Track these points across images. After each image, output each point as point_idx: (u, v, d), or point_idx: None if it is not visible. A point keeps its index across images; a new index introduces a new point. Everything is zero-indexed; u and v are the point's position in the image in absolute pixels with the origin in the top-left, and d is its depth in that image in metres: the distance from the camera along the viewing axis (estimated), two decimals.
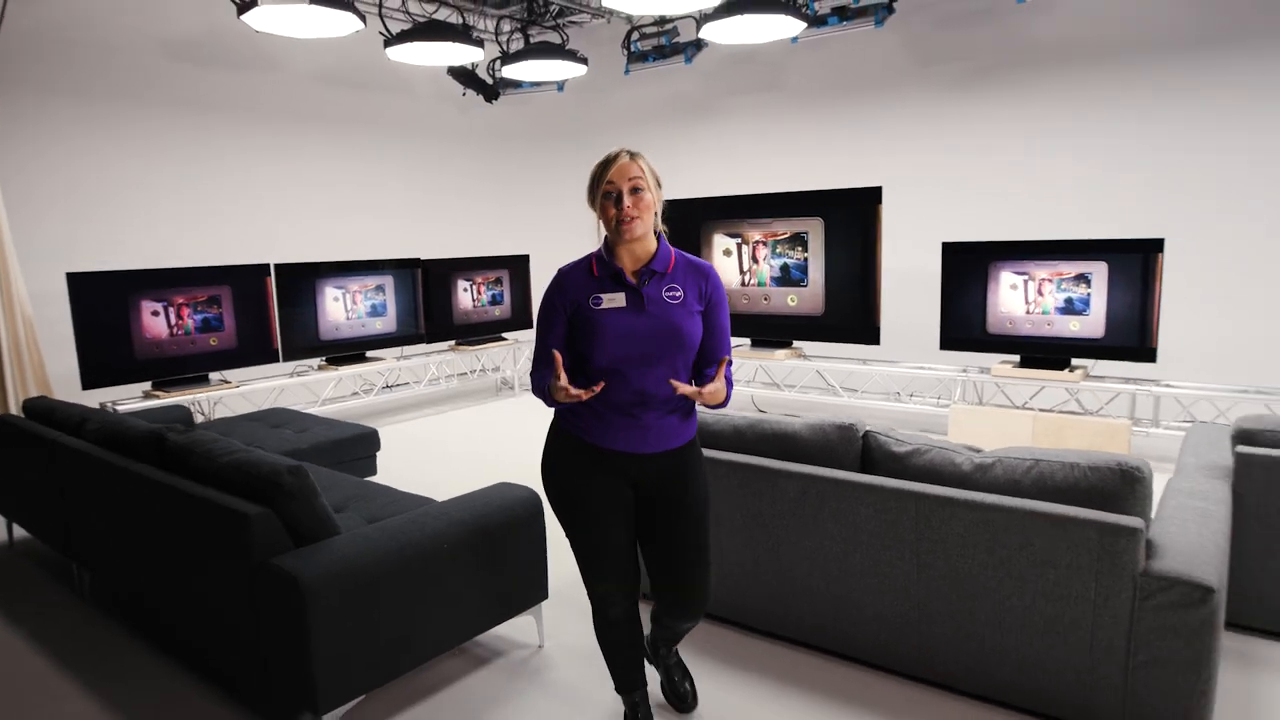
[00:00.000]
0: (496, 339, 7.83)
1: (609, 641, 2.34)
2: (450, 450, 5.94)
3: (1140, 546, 2.19)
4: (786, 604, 2.87)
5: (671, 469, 2.17)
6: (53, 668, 3.00)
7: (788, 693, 2.67)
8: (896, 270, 6.51)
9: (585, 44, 7.34)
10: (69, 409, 3.74)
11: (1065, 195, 6.13)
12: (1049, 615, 2.34)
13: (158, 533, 2.78)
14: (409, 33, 5.77)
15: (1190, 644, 2.15)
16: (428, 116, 8.27)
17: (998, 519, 2.36)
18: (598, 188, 2.11)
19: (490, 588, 2.77)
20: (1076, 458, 2.38)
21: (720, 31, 5.44)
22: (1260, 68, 5.37)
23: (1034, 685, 2.42)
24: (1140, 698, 2.25)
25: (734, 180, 7.30)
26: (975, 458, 2.53)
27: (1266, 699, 2.58)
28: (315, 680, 2.27)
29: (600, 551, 2.20)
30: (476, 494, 2.89)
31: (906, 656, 2.65)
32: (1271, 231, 5.43)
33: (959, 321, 5.72)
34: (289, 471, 2.47)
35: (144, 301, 5.52)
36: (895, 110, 6.87)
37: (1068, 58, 6.05)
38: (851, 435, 2.72)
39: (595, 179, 2.12)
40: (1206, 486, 2.76)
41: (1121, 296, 5.15)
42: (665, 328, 2.07)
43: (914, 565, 2.54)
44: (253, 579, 2.35)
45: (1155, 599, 2.17)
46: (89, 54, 6.01)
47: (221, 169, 6.78)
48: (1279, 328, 5.14)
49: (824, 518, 2.69)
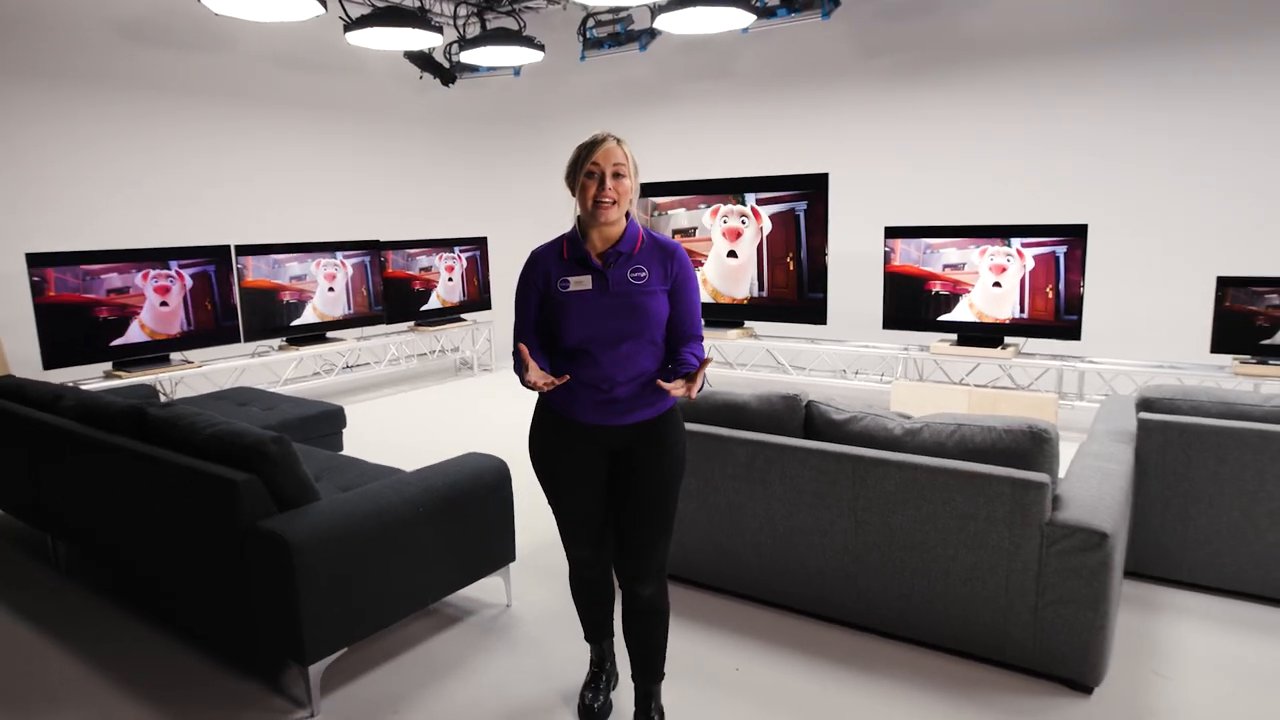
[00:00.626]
0: (455, 320, 7.95)
1: (581, 596, 2.49)
2: (414, 427, 6.09)
3: (1047, 499, 2.48)
4: (737, 561, 3.11)
5: (645, 437, 2.23)
6: (36, 634, 3.11)
7: (739, 643, 2.92)
8: (842, 253, 6.79)
9: (541, 29, 7.46)
10: (40, 387, 3.81)
11: (999, 182, 6.47)
12: (969, 563, 2.61)
13: (144, 503, 2.92)
14: (368, 18, 5.85)
15: (1089, 584, 2.44)
16: (383, 98, 8.31)
17: (924, 478, 2.63)
18: (580, 166, 2.12)
19: (461, 549, 2.97)
20: (993, 421, 2.66)
21: (674, 22, 5.63)
22: (1181, 65, 5.74)
23: (958, 627, 2.70)
24: (1048, 634, 2.55)
25: (687, 164, 7.51)
26: (905, 423, 2.79)
27: (1161, 638, 2.90)
28: (302, 633, 2.45)
29: (576, 518, 2.32)
30: (448, 462, 3.08)
31: (846, 607, 2.92)
32: (1189, 220, 5.83)
33: (900, 302, 6.03)
34: (273, 441, 2.63)
35: (105, 281, 5.55)
36: (841, 98, 7.15)
37: (1003, 51, 6.37)
38: (795, 405, 2.97)
39: (579, 158, 2.14)
40: (1112, 449, 3.07)
41: (1049, 279, 5.49)
42: (629, 308, 2.14)
43: (851, 522, 2.80)
44: (242, 541, 2.51)
45: (1059, 545, 2.46)
46: (43, 34, 5.97)
47: (179, 150, 6.77)
48: (1191, 308, 5.52)
49: (771, 480, 2.93)
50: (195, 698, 2.67)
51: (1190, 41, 5.71)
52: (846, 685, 2.65)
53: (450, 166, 9.05)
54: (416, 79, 8.07)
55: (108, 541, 3.22)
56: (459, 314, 7.99)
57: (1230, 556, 3.10)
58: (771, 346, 6.77)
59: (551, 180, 9.81)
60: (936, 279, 5.86)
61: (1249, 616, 3.02)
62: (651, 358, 2.19)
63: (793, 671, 2.73)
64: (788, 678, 2.70)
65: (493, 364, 8.23)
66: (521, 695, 2.64)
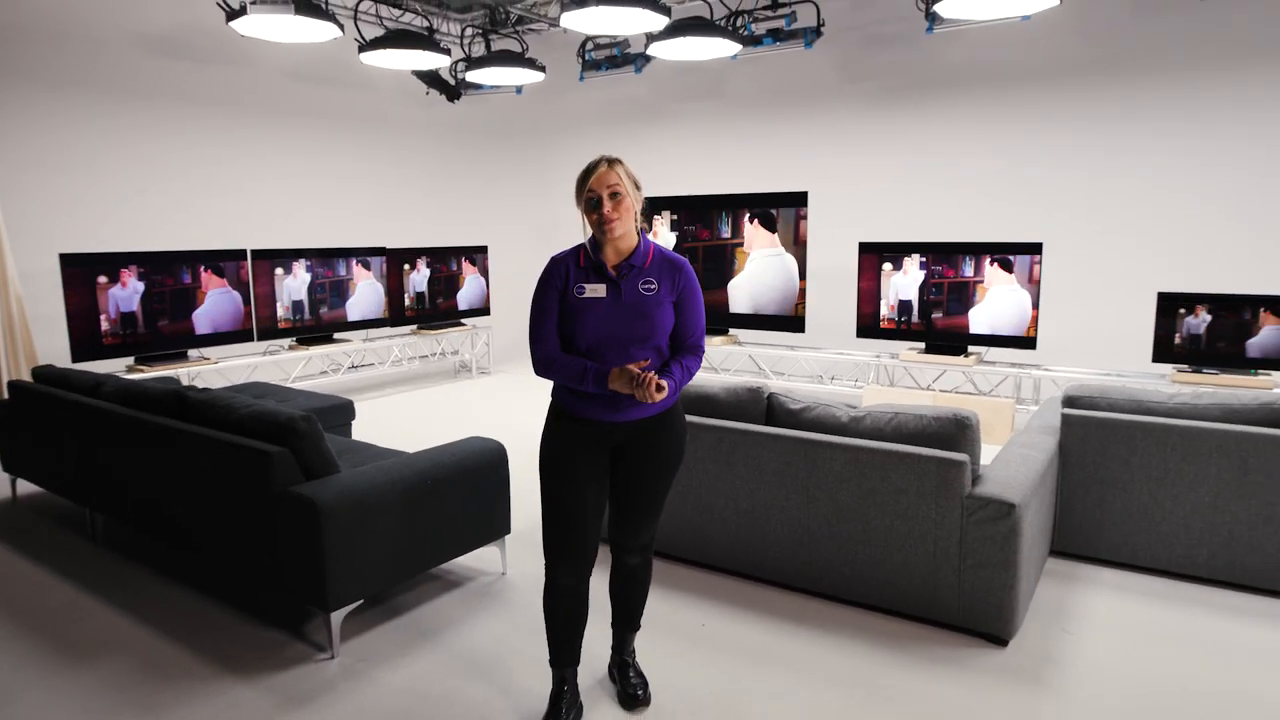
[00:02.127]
0: (456, 324, 8.36)
1: (553, 611, 2.50)
2: (417, 422, 6.48)
3: (967, 475, 2.89)
4: (705, 535, 3.52)
5: (646, 431, 2.42)
6: (80, 593, 3.51)
7: (705, 604, 3.32)
8: (820, 266, 7.22)
9: (542, 49, 7.91)
10: (82, 375, 4.22)
11: (967, 202, 6.92)
12: (902, 532, 3.02)
13: (186, 473, 3.31)
14: (381, 40, 6.28)
15: (1001, 548, 2.85)
16: (391, 112, 8.75)
17: (866, 458, 3.05)
18: (581, 193, 2.34)
19: (463, 520, 3.37)
20: (925, 410, 3.08)
21: (666, 50, 6.07)
22: (1130, 99, 6.21)
23: (894, 589, 3.11)
24: (969, 593, 2.95)
25: (680, 180, 7.96)
26: (851, 412, 3.21)
27: (1074, 604, 3.31)
28: (326, 584, 2.85)
29: (566, 509, 2.41)
30: (452, 444, 3.48)
31: (799, 573, 3.32)
32: (1140, 240, 6.28)
33: (873, 312, 6.46)
34: (302, 419, 3.03)
35: (131, 281, 5.95)
36: (821, 121, 7.60)
37: (972, 80, 6.83)
38: (758, 396, 3.38)
39: (579, 186, 2.35)
40: (1037, 439, 3.49)
41: (1009, 293, 5.93)
42: (638, 315, 2.34)
43: (804, 498, 3.21)
44: (275, 505, 2.91)
45: (977, 515, 2.87)
46: (71, 47, 6.38)
47: (198, 159, 7.18)
48: (1139, 321, 5.94)
49: (735, 462, 3.34)
50: (227, 643, 3.07)
51: (1138, 78, 6.18)
52: (798, 639, 3.05)
53: (454, 178, 9.48)
54: (423, 95, 8.52)
55: (149, 509, 3.61)
56: (459, 318, 8.40)
57: (1141, 536, 3.51)
58: (754, 353, 7.19)
59: (550, 193, 10.34)
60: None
61: (1151, 587, 3.43)
62: (656, 361, 2.39)
63: (751, 628, 3.13)
64: (747, 632, 3.10)
65: (491, 367, 8.63)
66: (515, 646, 3.04)
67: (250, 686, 2.77)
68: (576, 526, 2.42)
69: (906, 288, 6.29)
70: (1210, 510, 3.36)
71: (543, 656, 2.58)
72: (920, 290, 6.25)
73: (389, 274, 7.67)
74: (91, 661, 2.95)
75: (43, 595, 3.50)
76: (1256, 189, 5.90)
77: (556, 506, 2.43)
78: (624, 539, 2.56)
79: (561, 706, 2.51)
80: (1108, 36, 6.29)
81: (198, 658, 2.97)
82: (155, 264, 6.10)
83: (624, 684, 2.68)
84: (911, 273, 6.25)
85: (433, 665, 2.91)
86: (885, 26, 7.12)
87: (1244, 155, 5.92)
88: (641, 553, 2.61)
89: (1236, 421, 3.35)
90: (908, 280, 6.28)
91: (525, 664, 2.89)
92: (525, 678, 2.80)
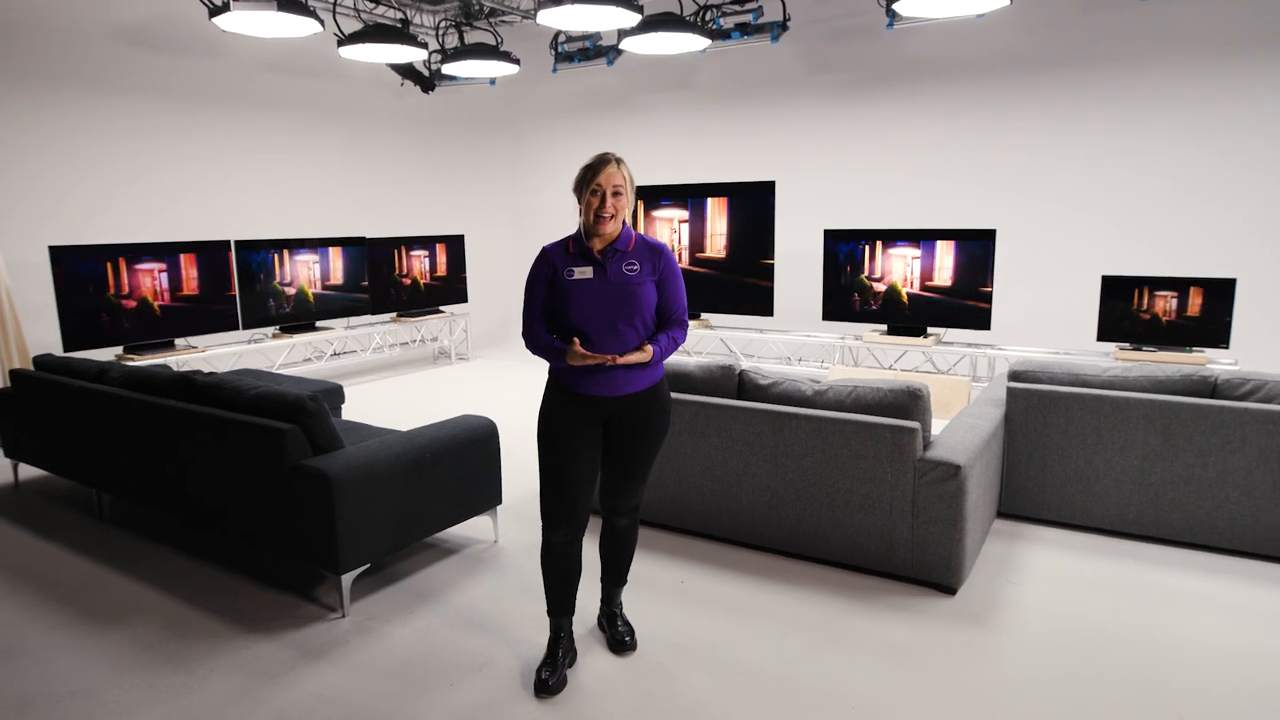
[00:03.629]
0: (435, 311, 8.57)
1: (549, 567, 2.74)
2: (403, 405, 6.71)
3: (918, 441, 3.21)
4: (682, 502, 3.81)
5: (637, 404, 2.65)
6: (97, 566, 3.72)
7: (684, 564, 3.62)
8: (788, 251, 7.53)
9: (516, 40, 8.10)
10: (83, 363, 4.40)
11: (926, 190, 7.26)
12: (862, 494, 3.34)
13: (200, 451, 3.54)
14: (360, 34, 6.45)
15: (949, 506, 3.18)
16: (366, 103, 8.89)
17: (828, 427, 3.35)
18: (586, 184, 2.55)
19: (459, 491, 3.63)
20: (881, 384, 3.39)
21: (638, 44, 6.31)
22: (1080, 87, 6.57)
23: (855, 546, 3.43)
24: (921, 548, 3.28)
25: (651, 169, 8.21)
26: (815, 386, 3.52)
27: (1019, 558, 3.66)
28: (338, 548, 3.11)
29: (562, 475, 2.63)
30: (447, 421, 3.74)
31: (769, 534, 3.63)
32: (1091, 226, 6.66)
33: (838, 296, 6.78)
34: (310, 398, 3.27)
35: (120, 272, 6.10)
36: (788, 112, 7.90)
37: (930, 73, 7.17)
38: (730, 373, 3.68)
39: (585, 177, 2.55)
40: (984, 410, 3.83)
41: (964, 276, 6.28)
42: (623, 294, 2.57)
43: (773, 465, 3.52)
44: (288, 477, 3.16)
45: (927, 476, 3.20)
46: (51, 39, 6.47)
47: (177, 150, 7.30)
48: (1087, 303, 6.33)
49: (710, 434, 3.64)
50: (243, 606, 3.31)
51: (1086, 71, 6.55)
52: (768, 592, 3.36)
53: (429, 168, 9.65)
54: (398, 86, 8.67)
55: (162, 486, 3.82)
56: (438, 305, 8.60)
57: (1078, 498, 3.87)
58: (725, 336, 7.49)
59: (524, 182, 10.55)
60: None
61: (1087, 543, 3.79)
62: (639, 337, 2.60)
63: (726, 584, 3.44)
64: (721, 588, 3.41)
65: (469, 353, 8.86)
66: (510, 604, 3.31)
67: (270, 642, 3.03)
68: (571, 490, 2.65)
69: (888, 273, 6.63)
70: (1138, 472, 3.72)
71: (537, 611, 2.86)
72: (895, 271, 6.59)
73: (370, 262, 7.85)
74: (118, 624, 3.18)
75: (60, 569, 3.71)
76: (1193, 175, 6.30)
77: (554, 473, 2.66)
78: (615, 502, 2.83)
79: (559, 651, 2.77)
80: (1055, 32, 6.65)
81: (217, 619, 3.21)
82: (142, 255, 6.25)
83: (613, 632, 2.97)
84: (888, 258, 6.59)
85: (436, 621, 3.18)
86: (848, 21, 7.42)
87: (1181, 144, 6.31)
88: (630, 515, 2.89)
89: (1161, 392, 3.71)
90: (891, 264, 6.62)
91: (521, 619, 3.17)
92: (522, 629, 3.08)
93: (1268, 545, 3.55)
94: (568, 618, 2.84)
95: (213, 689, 2.75)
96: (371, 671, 2.84)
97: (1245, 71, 6.06)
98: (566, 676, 2.77)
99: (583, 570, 2.84)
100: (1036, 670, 2.80)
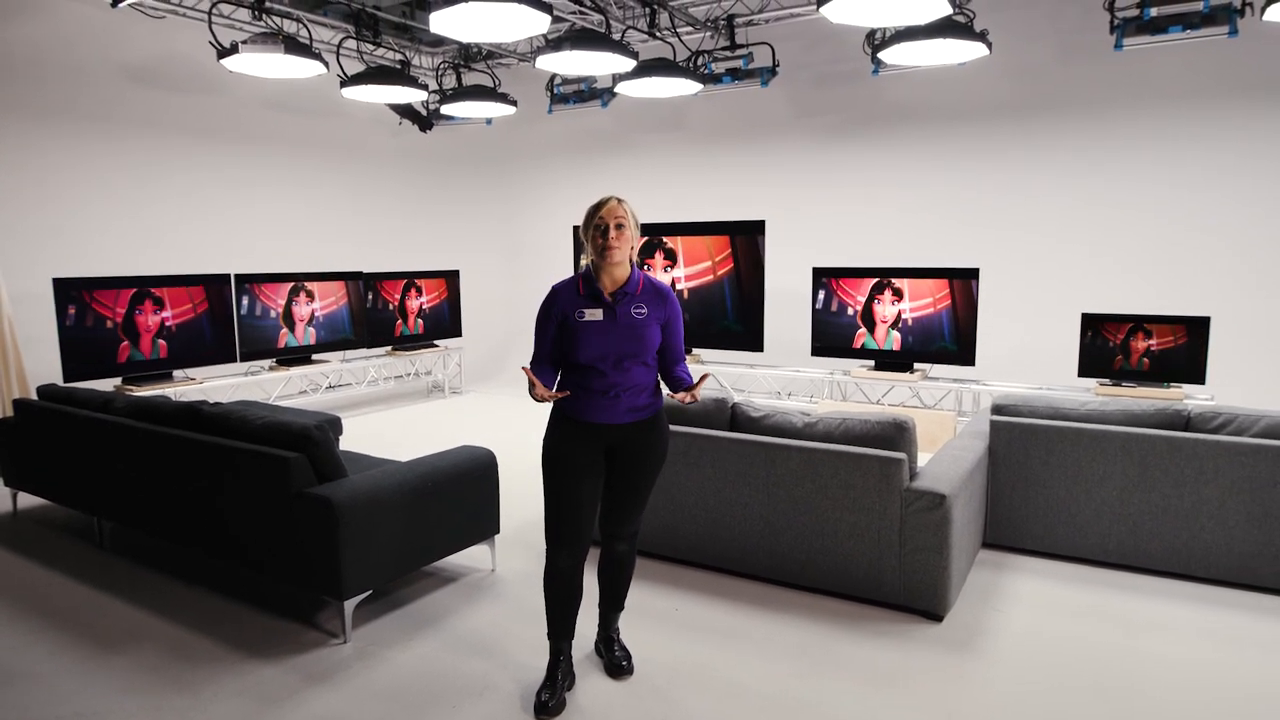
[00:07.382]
0: (429, 345, 8.68)
1: (551, 591, 2.83)
2: (399, 436, 6.78)
3: (905, 471, 3.33)
4: (677, 531, 3.91)
5: (638, 434, 2.78)
6: (100, 593, 3.77)
7: (678, 592, 3.70)
8: (778, 289, 7.70)
9: (512, 81, 8.32)
10: (87, 393, 4.49)
11: (912, 229, 7.47)
12: (851, 523, 3.45)
13: (206, 479, 3.61)
14: (362, 75, 6.64)
15: (935, 535, 3.29)
16: (365, 141, 9.08)
17: (819, 458, 3.47)
18: (591, 222, 2.71)
19: (458, 520, 3.72)
20: (869, 416, 3.52)
21: (632, 88, 6.52)
22: (1063, 132, 6.83)
23: (845, 574, 3.53)
24: (908, 575, 3.38)
25: (643, 209, 8.37)
26: (805, 418, 3.64)
27: (1003, 587, 3.76)
28: (341, 574, 3.18)
29: (566, 500, 2.74)
30: (447, 451, 3.84)
31: (761, 563, 3.72)
32: (1071, 265, 6.87)
33: (826, 332, 6.94)
34: (315, 428, 3.37)
35: (120, 304, 6.20)
36: (777, 153, 8.13)
37: (914, 117, 7.41)
38: (724, 405, 3.80)
39: (590, 216, 2.72)
40: (969, 443, 3.95)
41: (950, 313, 6.45)
42: (631, 336, 2.69)
43: (765, 495, 3.62)
44: (293, 504, 3.24)
45: (914, 505, 3.31)
46: (57, 75, 6.63)
47: (178, 184, 7.43)
48: (1068, 339, 6.50)
49: (704, 464, 3.75)
50: (249, 632, 3.37)
51: (1064, 116, 6.80)
52: (760, 618, 3.45)
53: (426, 204, 9.82)
54: (396, 124, 8.87)
55: (167, 514, 3.89)
56: (432, 340, 8.71)
57: (1061, 528, 3.98)
58: (716, 370, 7.63)
59: (518, 219, 10.72)
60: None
61: (1069, 572, 3.90)
62: (645, 373, 2.77)
63: (718, 611, 3.53)
64: (714, 615, 3.49)
65: (463, 386, 8.95)
66: (510, 630, 3.39)
67: (274, 666, 3.09)
68: (574, 515, 2.76)
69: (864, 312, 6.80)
70: (1117, 503, 3.84)
71: (535, 637, 2.93)
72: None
73: (366, 297, 7.97)
74: (122, 649, 3.24)
75: (62, 596, 3.76)
76: (1168, 215, 6.52)
77: (558, 498, 2.77)
78: (615, 528, 2.94)
79: (558, 674, 2.85)
80: (1034, 80, 6.91)
81: (221, 644, 3.27)
82: (143, 287, 6.35)
83: (610, 656, 3.06)
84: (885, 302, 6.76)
85: (437, 647, 3.25)
86: (835, 67, 7.67)
87: (1155, 185, 6.55)
88: (629, 540, 2.99)
89: (1137, 425, 3.85)
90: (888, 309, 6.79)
91: (520, 645, 3.24)
92: (521, 654, 3.16)
93: (1241, 574, 3.67)
94: (567, 641, 2.92)
95: (217, 712, 2.81)
96: (374, 695, 2.91)
97: (1213, 118, 6.32)
98: (566, 699, 2.84)
99: (583, 596, 2.92)
100: (1021, 694, 2.89)
